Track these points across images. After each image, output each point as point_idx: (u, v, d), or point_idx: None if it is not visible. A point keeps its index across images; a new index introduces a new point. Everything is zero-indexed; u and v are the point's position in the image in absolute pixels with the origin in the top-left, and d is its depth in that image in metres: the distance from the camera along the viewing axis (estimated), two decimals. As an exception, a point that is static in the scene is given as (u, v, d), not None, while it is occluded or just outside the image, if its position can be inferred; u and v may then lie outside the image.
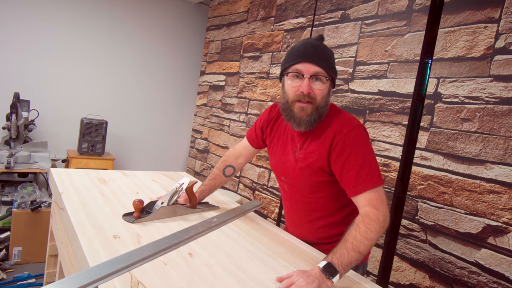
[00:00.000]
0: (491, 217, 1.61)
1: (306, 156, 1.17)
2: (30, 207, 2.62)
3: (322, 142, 1.13)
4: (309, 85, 1.09)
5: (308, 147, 1.17)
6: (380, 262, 2.04)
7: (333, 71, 1.13)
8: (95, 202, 1.30)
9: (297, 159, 1.19)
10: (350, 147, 1.07)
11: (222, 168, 1.49)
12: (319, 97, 1.10)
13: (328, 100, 1.15)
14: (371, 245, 0.98)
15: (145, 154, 4.13)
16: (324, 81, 1.10)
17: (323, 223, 1.27)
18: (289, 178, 1.25)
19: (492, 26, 1.66)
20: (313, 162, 1.15)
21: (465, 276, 1.68)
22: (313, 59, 1.09)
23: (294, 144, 1.23)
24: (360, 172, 1.05)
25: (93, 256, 0.90)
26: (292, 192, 1.29)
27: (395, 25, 2.08)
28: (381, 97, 2.12)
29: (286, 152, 1.25)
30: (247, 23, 3.45)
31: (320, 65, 1.09)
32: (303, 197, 1.25)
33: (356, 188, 1.06)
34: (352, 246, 0.95)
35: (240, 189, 3.33)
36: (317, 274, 0.89)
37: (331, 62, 1.13)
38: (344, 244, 0.96)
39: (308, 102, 1.10)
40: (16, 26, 3.22)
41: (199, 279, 0.87)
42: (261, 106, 3.14)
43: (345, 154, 1.07)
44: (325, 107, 1.13)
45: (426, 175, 1.87)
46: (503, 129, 1.60)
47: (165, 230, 1.15)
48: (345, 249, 0.95)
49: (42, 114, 3.32)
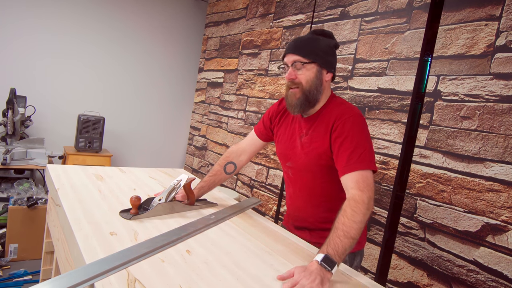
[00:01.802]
0: (490, 216, 1.61)
1: (312, 141, 1.25)
2: (26, 204, 2.60)
3: (325, 128, 1.22)
4: (292, 73, 1.21)
5: (313, 133, 1.25)
6: (378, 260, 2.03)
7: (315, 56, 1.21)
8: (92, 199, 1.29)
9: (303, 144, 1.28)
10: (347, 130, 1.15)
11: (223, 164, 1.51)
12: (303, 81, 1.21)
13: (318, 83, 1.22)
14: (361, 228, 1.01)
15: (142, 151, 4.11)
16: (306, 67, 1.20)
17: (325, 208, 1.31)
18: (294, 163, 1.32)
19: (493, 24, 1.65)
20: (317, 147, 1.23)
21: (464, 275, 1.68)
22: (292, 50, 1.22)
23: (300, 131, 1.31)
24: (353, 154, 1.12)
25: (89, 253, 0.88)
26: (297, 177, 1.34)
27: (395, 22, 2.07)
28: (380, 94, 2.11)
29: (293, 139, 1.33)
30: (246, 20, 3.43)
31: (297, 53, 1.20)
32: (307, 182, 1.30)
33: (346, 167, 1.12)
34: (343, 233, 0.98)
35: (238, 186, 3.32)
36: (317, 269, 0.90)
37: (312, 48, 1.21)
38: (335, 232, 0.99)
39: (296, 87, 1.22)
40: (13, 23, 3.19)
41: (197, 277, 0.86)
42: (259, 103, 3.13)
43: (342, 136, 1.15)
44: (314, 90, 1.22)
45: (425, 173, 1.86)
46: (503, 127, 1.59)
47: (163, 227, 1.14)
48: (337, 237, 0.97)
49: (38, 110, 3.30)
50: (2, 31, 3.16)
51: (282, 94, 2.87)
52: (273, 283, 0.89)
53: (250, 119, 3.22)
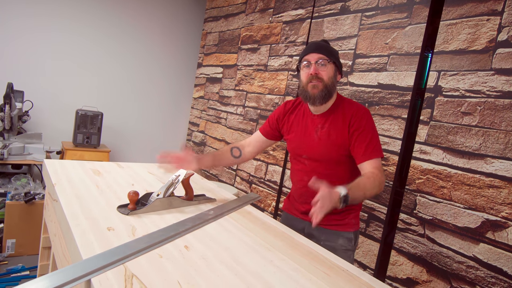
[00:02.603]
0: (490, 212, 1.60)
1: (330, 133, 1.41)
2: (24, 199, 2.59)
3: (343, 122, 1.40)
4: (316, 68, 1.38)
5: (330, 126, 1.42)
6: (377, 256, 2.03)
7: (334, 58, 1.41)
8: (89, 194, 1.27)
9: (320, 138, 1.43)
10: (364, 125, 1.36)
11: (229, 147, 1.64)
12: (325, 76, 1.38)
13: (335, 81, 1.42)
14: (371, 194, 1.24)
15: (141, 146, 4.09)
16: (326, 64, 1.38)
17: None
18: (311, 154, 1.46)
19: (495, 19, 1.64)
20: (336, 138, 1.40)
21: (463, 271, 1.67)
22: (315, 50, 1.40)
23: (315, 125, 1.45)
24: (370, 144, 1.33)
25: (86, 249, 0.87)
26: (313, 166, 1.47)
27: (396, 17, 2.05)
28: (380, 90, 2.10)
29: (308, 133, 1.47)
30: (245, 15, 3.41)
31: (321, 52, 1.39)
32: (323, 170, 1.44)
33: (365, 155, 1.33)
34: (363, 188, 1.20)
35: (237, 182, 3.31)
36: (335, 199, 1.08)
37: (331, 51, 1.42)
38: (357, 184, 1.20)
39: (318, 81, 1.38)
40: (11, 19, 3.16)
41: (195, 272, 0.85)
42: (258, 98, 3.11)
43: (360, 130, 1.35)
44: (332, 86, 1.40)
45: (425, 169, 1.85)
46: (504, 123, 1.58)
47: (161, 222, 1.13)
48: (357, 188, 1.18)
49: (36, 105, 3.28)
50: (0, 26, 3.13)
51: (281, 90, 2.86)
52: (272, 279, 0.88)
53: (249, 114, 3.20)
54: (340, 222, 1.47)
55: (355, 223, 1.51)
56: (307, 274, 0.95)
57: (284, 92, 2.84)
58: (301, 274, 0.94)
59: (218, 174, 3.59)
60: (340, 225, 1.47)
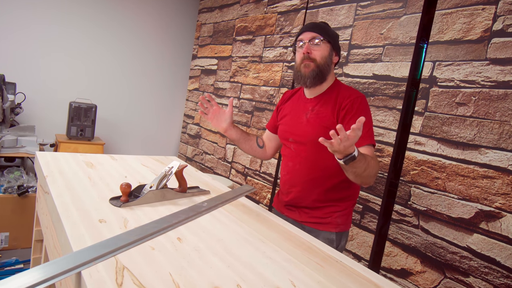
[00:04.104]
0: (484, 202, 1.61)
1: (318, 115, 1.36)
2: (17, 192, 2.57)
3: (333, 104, 1.34)
4: (308, 47, 1.34)
5: (320, 109, 1.37)
6: (372, 247, 2.04)
7: (330, 37, 1.36)
8: (81, 186, 1.26)
9: (308, 119, 1.38)
10: (356, 109, 1.29)
11: (255, 135, 1.65)
12: (318, 57, 1.34)
13: (329, 62, 1.36)
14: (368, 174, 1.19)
15: (135, 139, 4.07)
16: (320, 43, 1.34)
17: (322, 185, 1.39)
18: (298, 136, 1.41)
19: (490, 8, 1.62)
20: (324, 121, 1.34)
21: (457, 261, 1.68)
22: (310, 29, 1.36)
23: (306, 108, 1.41)
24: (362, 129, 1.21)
25: (77, 241, 0.86)
26: (299, 151, 1.42)
27: (391, 7, 2.03)
28: (375, 81, 2.09)
29: (297, 116, 1.43)
30: (240, 6, 3.37)
31: (315, 31, 1.35)
32: (309, 155, 1.39)
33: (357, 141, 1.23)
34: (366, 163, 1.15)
35: (232, 174, 3.30)
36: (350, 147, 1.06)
37: (327, 31, 1.37)
38: (364, 157, 1.15)
39: (310, 61, 1.33)
40: (1, 10, 3.11)
41: (187, 264, 0.84)
42: (253, 90, 3.09)
43: (351, 114, 1.29)
44: (325, 66, 1.35)
45: (420, 160, 1.85)
46: (498, 113, 1.58)
47: (154, 215, 1.12)
48: (363, 157, 1.14)
49: (29, 97, 3.24)
50: (-11, 16, 3.08)
51: (276, 81, 2.84)
52: (265, 270, 0.88)
53: (244, 106, 3.19)
54: (322, 220, 1.40)
55: (340, 223, 1.41)
56: (300, 265, 0.94)
57: (279, 83, 2.82)
58: (294, 265, 0.94)
59: (214, 167, 3.58)
60: (321, 223, 1.40)
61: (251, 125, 3.09)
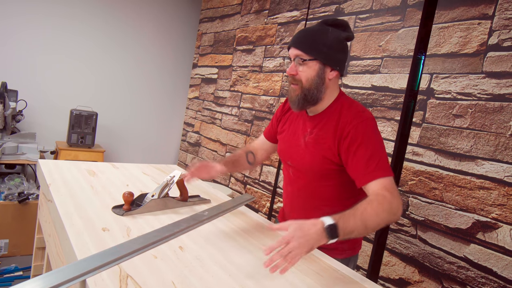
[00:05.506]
0: (480, 213, 1.63)
1: (317, 141, 1.18)
2: (17, 199, 2.58)
3: (334, 130, 1.14)
4: (293, 68, 1.14)
5: (319, 132, 1.18)
6: (370, 257, 2.05)
7: (317, 52, 1.12)
8: (84, 194, 1.28)
9: (307, 143, 1.21)
10: (361, 137, 1.08)
11: (244, 152, 1.47)
12: (303, 79, 1.14)
13: (319, 82, 1.14)
14: (378, 224, 0.95)
15: (136, 147, 4.09)
16: (307, 64, 1.12)
17: (321, 213, 1.22)
18: (296, 162, 1.25)
19: (486, 23, 1.66)
20: (323, 148, 1.16)
21: (454, 271, 1.69)
22: (294, 44, 1.14)
23: (305, 129, 1.24)
24: (370, 161, 1.05)
25: (81, 249, 0.88)
26: (297, 177, 1.27)
27: (389, 20, 2.07)
28: (374, 92, 2.12)
29: (296, 137, 1.26)
30: (240, 16, 3.42)
31: (300, 48, 1.13)
32: (307, 184, 1.24)
33: (366, 176, 1.04)
34: (360, 216, 0.92)
35: (231, 183, 3.32)
36: (318, 232, 0.85)
37: (316, 43, 1.12)
38: (353, 211, 0.93)
39: (295, 84, 1.15)
40: (3, 17, 3.15)
41: (189, 273, 0.86)
42: (253, 99, 3.12)
43: (356, 143, 1.07)
44: (314, 90, 1.14)
45: (418, 171, 1.88)
46: (494, 125, 1.60)
47: (156, 223, 1.13)
48: (352, 216, 0.92)
49: (30, 104, 3.26)
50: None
51: (276, 91, 2.87)
52: (265, 280, 0.90)
53: (244, 115, 3.22)
54: (327, 246, 1.12)
55: (346, 248, 1.26)
56: (300, 275, 0.96)
57: (279, 93, 2.85)
58: (294, 274, 0.95)
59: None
60: (326, 249, 1.16)
61: (250, 134, 3.12)
